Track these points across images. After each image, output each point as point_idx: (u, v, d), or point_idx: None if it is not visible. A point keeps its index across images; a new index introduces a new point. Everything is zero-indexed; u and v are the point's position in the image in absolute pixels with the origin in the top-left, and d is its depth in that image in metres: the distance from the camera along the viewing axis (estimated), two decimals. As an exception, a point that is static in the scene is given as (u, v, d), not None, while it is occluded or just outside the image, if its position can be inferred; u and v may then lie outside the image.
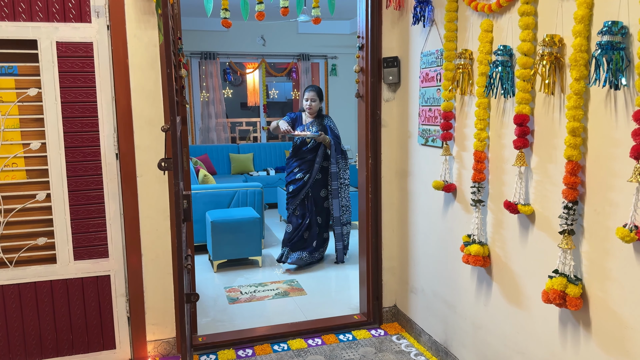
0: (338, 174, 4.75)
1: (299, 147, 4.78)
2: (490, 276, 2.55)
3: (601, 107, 1.83)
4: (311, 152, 4.74)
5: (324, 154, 4.75)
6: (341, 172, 4.78)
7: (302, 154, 4.76)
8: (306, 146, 4.76)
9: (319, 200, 4.80)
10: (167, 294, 3.08)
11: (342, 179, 4.79)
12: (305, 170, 4.73)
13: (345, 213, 4.86)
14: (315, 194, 4.78)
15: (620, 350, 1.82)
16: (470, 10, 2.57)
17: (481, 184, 2.53)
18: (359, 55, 3.42)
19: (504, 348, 2.47)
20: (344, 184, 4.82)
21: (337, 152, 4.74)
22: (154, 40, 2.86)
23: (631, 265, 1.75)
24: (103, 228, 2.91)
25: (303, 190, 4.73)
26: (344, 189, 4.82)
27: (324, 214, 4.85)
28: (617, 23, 1.68)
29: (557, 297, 1.95)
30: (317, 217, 4.80)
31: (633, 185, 1.68)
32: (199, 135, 8.52)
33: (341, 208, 4.82)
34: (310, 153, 4.74)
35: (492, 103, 2.45)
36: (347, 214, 4.89)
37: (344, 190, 4.82)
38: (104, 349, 3.00)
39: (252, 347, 3.26)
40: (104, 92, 2.82)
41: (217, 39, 8.26)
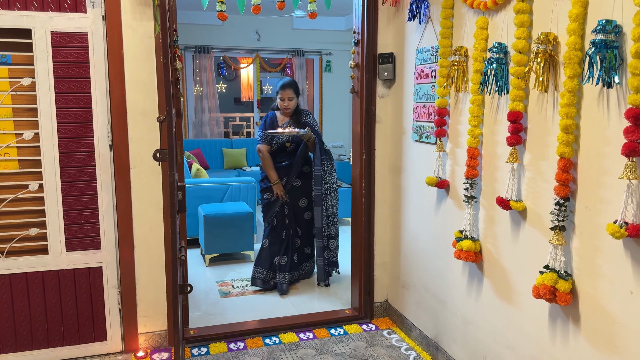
0: (322, 177, 4.00)
1: (276, 153, 4.05)
2: (481, 272, 2.58)
3: (594, 105, 1.85)
4: (289, 156, 4.06)
5: (305, 156, 4.07)
6: (326, 175, 4.03)
7: (279, 158, 4.07)
8: (286, 149, 4.06)
9: (298, 211, 4.14)
10: (159, 286, 3.08)
11: (328, 183, 4.04)
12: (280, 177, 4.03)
13: (331, 225, 4.12)
14: (294, 204, 4.11)
15: (608, 345, 1.84)
16: (465, 8, 2.58)
17: (474, 180, 2.54)
18: (355, 51, 3.43)
19: (494, 343, 2.49)
20: (331, 189, 4.07)
21: (322, 152, 4.01)
22: (149, 31, 2.85)
23: (620, 261, 1.77)
24: (96, 219, 2.90)
25: (279, 200, 4.06)
26: (331, 195, 4.07)
27: (305, 226, 4.19)
28: (611, 22, 1.70)
29: (548, 292, 1.97)
30: (297, 229, 4.17)
31: (624, 183, 1.71)
32: (192, 129, 8.50)
33: (326, 218, 4.07)
34: (288, 157, 4.06)
35: (486, 100, 2.47)
36: (334, 226, 4.15)
37: (331, 198, 4.07)
38: (95, 340, 3.00)
39: (244, 340, 3.27)
40: (98, 83, 2.81)
41: (212, 33, 8.23)
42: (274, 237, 4.10)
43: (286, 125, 4.04)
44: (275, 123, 4.07)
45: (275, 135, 3.98)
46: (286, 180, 4.04)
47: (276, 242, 4.10)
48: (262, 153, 4.01)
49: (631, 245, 1.73)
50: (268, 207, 4.11)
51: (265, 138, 4.01)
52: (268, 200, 4.08)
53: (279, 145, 4.03)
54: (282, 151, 4.06)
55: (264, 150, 4.01)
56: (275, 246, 4.09)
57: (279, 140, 4.02)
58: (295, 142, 4.04)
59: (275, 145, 4.02)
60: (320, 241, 4.08)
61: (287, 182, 4.04)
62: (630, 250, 1.73)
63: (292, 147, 4.05)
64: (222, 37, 8.30)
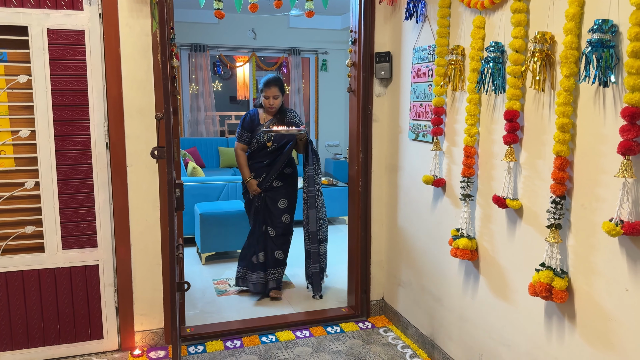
0: (315, 177, 3.82)
1: (257, 151, 3.81)
2: (477, 270, 2.59)
3: (590, 104, 1.86)
4: (270, 155, 3.79)
5: (289, 157, 3.82)
6: (317, 176, 3.85)
7: (259, 157, 3.81)
8: (267, 149, 3.79)
9: (276, 212, 3.85)
10: (156, 284, 3.08)
11: (318, 184, 3.86)
12: (257, 176, 3.80)
13: (322, 227, 3.90)
14: (273, 205, 3.84)
15: (604, 342, 1.86)
16: (462, 7, 2.59)
17: (470, 178, 2.56)
18: (352, 49, 3.43)
19: (490, 340, 2.51)
20: (320, 191, 3.89)
21: (312, 152, 3.83)
22: (146, 29, 2.85)
23: (616, 259, 1.79)
24: (92, 217, 2.90)
25: (258, 198, 3.85)
26: (321, 197, 3.88)
27: (281, 229, 3.87)
28: (607, 21, 1.71)
29: (544, 290, 1.99)
30: (269, 230, 3.87)
31: (620, 181, 1.72)
32: (187, 128, 8.48)
33: (317, 221, 3.85)
34: (269, 157, 3.79)
35: (482, 99, 2.48)
36: (324, 228, 3.93)
37: (321, 200, 3.88)
38: (92, 338, 2.99)
39: (240, 338, 3.27)
40: (95, 81, 2.80)
41: (208, 32, 8.22)
42: (252, 235, 3.94)
43: (269, 124, 3.78)
44: (257, 121, 3.80)
45: (258, 133, 3.76)
46: (265, 177, 3.78)
47: (254, 240, 3.93)
48: (236, 151, 3.85)
49: (626, 243, 1.74)
50: (249, 207, 3.94)
51: (244, 137, 3.81)
52: (248, 199, 3.92)
53: (260, 145, 3.79)
54: (261, 150, 3.80)
55: (238, 149, 3.84)
56: (253, 244, 3.92)
57: (260, 140, 3.77)
58: (277, 141, 3.78)
59: (255, 144, 3.79)
60: (316, 246, 3.86)
61: (266, 179, 3.78)
62: (626, 248, 1.74)
63: (273, 147, 3.78)
64: (218, 35, 8.29)
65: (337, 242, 5.31)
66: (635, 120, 1.63)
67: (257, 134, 3.77)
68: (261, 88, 3.77)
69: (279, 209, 3.86)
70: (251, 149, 3.82)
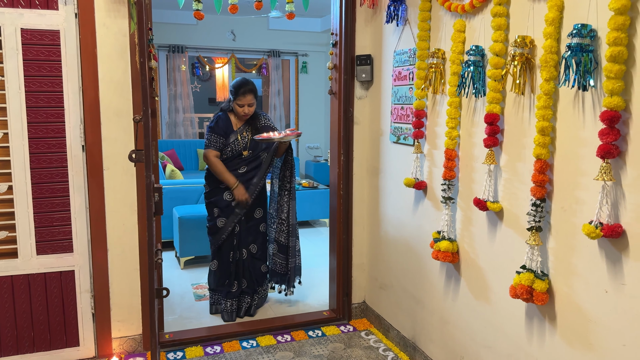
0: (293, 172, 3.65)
1: (229, 160, 3.48)
2: (458, 272, 2.60)
3: (569, 108, 1.88)
4: (246, 163, 3.50)
5: (270, 166, 3.60)
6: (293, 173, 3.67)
7: (232, 166, 3.48)
8: (241, 157, 3.49)
9: (252, 224, 3.59)
10: (134, 290, 3.01)
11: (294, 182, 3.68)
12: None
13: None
14: (249, 217, 3.58)
15: (583, 344, 1.88)
16: (443, 10, 2.60)
17: (451, 181, 2.57)
18: (333, 52, 3.42)
19: (471, 342, 2.52)
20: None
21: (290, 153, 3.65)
22: (123, 29, 2.79)
23: (596, 261, 1.81)
24: (68, 222, 2.83)
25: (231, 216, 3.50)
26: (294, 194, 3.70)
27: (260, 240, 3.67)
28: (586, 26, 1.73)
29: (525, 292, 2.00)
30: (251, 246, 3.63)
31: (599, 184, 1.74)
32: (165, 129, 8.38)
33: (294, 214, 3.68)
34: (245, 165, 3.50)
35: (463, 102, 2.49)
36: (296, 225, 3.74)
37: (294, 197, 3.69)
38: (67, 346, 2.92)
39: (221, 344, 3.23)
40: (71, 82, 2.73)
41: (186, 33, 8.13)
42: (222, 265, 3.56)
43: (243, 130, 3.49)
44: (230, 128, 3.47)
45: (233, 141, 3.45)
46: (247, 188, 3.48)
47: (225, 265, 3.56)
48: (211, 159, 3.42)
49: (606, 245, 1.76)
50: (215, 228, 3.51)
51: (218, 143, 3.43)
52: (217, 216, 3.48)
53: (234, 153, 3.47)
54: (235, 158, 3.49)
55: (212, 156, 3.43)
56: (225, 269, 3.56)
57: (235, 147, 3.46)
58: (253, 148, 3.51)
59: (229, 152, 3.46)
60: (295, 240, 3.69)
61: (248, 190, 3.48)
62: (605, 250, 1.76)
63: (249, 155, 3.50)
64: (197, 36, 8.21)
65: (318, 245, 5.29)
66: (614, 123, 1.65)
67: (232, 141, 3.46)
68: (233, 95, 3.43)
69: (255, 220, 3.62)
70: (222, 157, 3.48)
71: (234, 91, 3.42)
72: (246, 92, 3.41)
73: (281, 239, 3.68)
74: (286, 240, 3.68)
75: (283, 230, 3.67)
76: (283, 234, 3.68)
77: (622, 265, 1.71)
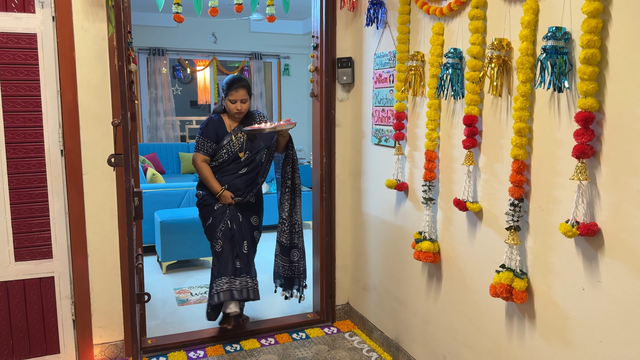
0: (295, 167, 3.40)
1: (226, 164, 3.22)
2: (440, 272, 2.62)
3: (545, 109, 1.92)
4: (244, 167, 3.23)
5: (268, 168, 3.34)
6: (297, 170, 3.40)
7: (230, 171, 3.23)
8: (239, 160, 3.22)
9: (247, 230, 3.29)
10: (115, 295, 2.98)
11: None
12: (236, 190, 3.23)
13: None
14: (245, 222, 3.29)
15: (561, 340, 1.91)
16: (422, 13, 2.63)
17: (432, 182, 2.59)
18: (314, 54, 3.44)
19: (453, 342, 2.54)
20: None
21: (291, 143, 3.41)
22: (102, 33, 2.77)
23: (572, 259, 1.84)
24: (47, 227, 2.79)
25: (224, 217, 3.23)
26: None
27: (251, 244, 3.32)
28: (560, 29, 1.77)
29: (504, 291, 2.03)
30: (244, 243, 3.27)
31: (575, 183, 1.77)
32: (146, 133, 8.31)
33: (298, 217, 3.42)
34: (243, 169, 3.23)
35: (442, 104, 2.52)
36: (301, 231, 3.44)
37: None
38: (47, 353, 2.87)
39: (204, 348, 3.21)
40: (49, 86, 2.70)
41: (166, 35, 8.09)
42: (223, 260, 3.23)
43: (237, 130, 3.24)
44: (223, 129, 3.21)
45: (229, 142, 3.19)
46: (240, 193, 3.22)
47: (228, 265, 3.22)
48: (199, 164, 3.20)
49: (582, 243, 1.80)
50: (212, 228, 3.25)
51: (207, 147, 3.19)
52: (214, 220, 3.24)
53: (231, 156, 3.20)
54: (232, 162, 3.23)
55: (200, 161, 3.20)
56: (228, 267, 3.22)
57: (230, 150, 3.20)
58: (251, 150, 3.23)
59: (225, 155, 3.20)
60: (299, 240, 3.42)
61: (242, 195, 3.23)
62: (582, 249, 1.80)
63: (247, 157, 3.23)
64: (178, 39, 8.17)
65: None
66: (589, 124, 1.69)
67: (226, 143, 3.20)
68: (225, 91, 3.20)
69: (252, 227, 3.34)
70: (218, 161, 3.21)
71: (225, 87, 3.20)
72: (239, 87, 3.16)
73: (282, 239, 3.42)
74: (288, 242, 3.41)
75: (284, 230, 3.40)
76: (284, 234, 3.41)
77: (598, 263, 1.74)
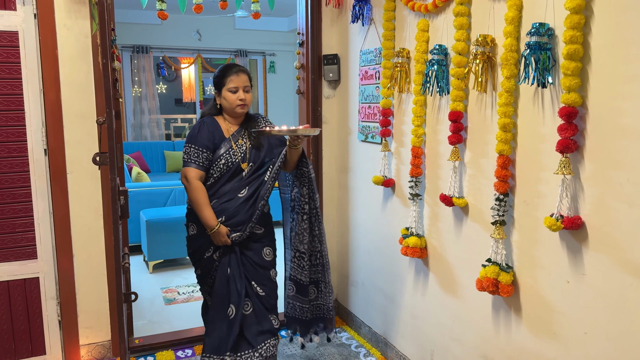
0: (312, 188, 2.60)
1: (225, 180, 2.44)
2: (427, 267, 2.64)
3: (530, 104, 1.94)
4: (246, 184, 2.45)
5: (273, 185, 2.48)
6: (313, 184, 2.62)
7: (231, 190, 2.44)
8: (241, 174, 2.45)
9: (261, 266, 2.52)
10: (101, 295, 2.96)
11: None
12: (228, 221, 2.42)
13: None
14: (253, 261, 2.50)
15: (547, 333, 1.94)
16: (407, 10, 2.64)
17: (418, 178, 2.61)
18: (300, 51, 3.43)
19: (441, 336, 2.57)
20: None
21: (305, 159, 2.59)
22: (85, 30, 2.74)
23: (557, 252, 1.87)
24: (31, 228, 2.75)
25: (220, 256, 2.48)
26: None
27: (270, 289, 2.55)
28: (544, 25, 1.79)
29: (491, 284, 2.05)
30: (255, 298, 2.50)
31: (559, 177, 1.80)
32: (130, 131, 8.24)
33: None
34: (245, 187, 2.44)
35: (428, 100, 2.53)
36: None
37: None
38: (33, 355, 2.84)
39: (192, 347, 3.20)
40: (31, 85, 2.66)
41: (150, 32, 8.01)
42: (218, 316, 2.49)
43: (238, 136, 2.48)
44: (219, 134, 2.45)
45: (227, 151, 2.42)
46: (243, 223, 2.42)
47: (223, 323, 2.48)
48: (190, 182, 2.37)
49: (567, 237, 1.82)
50: (205, 274, 2.52)
51: (202, 159, 2.39)
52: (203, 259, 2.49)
53: (231, 168, 2.43)
54: (233, 178, 2.45)
55: (193, 178, 2.37)
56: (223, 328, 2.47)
57: (231, 160, 2.42)
58: (255, 160, 2.48)
59: (224, 167, 2.42)
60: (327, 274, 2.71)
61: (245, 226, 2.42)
62: (566, 242, 1.83)
63: (250, 169, 2.46)
64: (162, 36, 8.10)
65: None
66: (572, 119, 1.71)
67: (224, 152, 2.42)
68: (222, 78, 2.44)
69: (266, 262, 2.54)
70: (213, 176, 2.43)
71: (220, 75, 2.46)
72: (239, 71, 2.45)
73: (301, 277, 2.67)
74: (307, 279, 2.68)
75: (303, 266, 2.66)
76: (304, 270, 2.66)
77: (582, 256, 1.77)
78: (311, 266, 2.70)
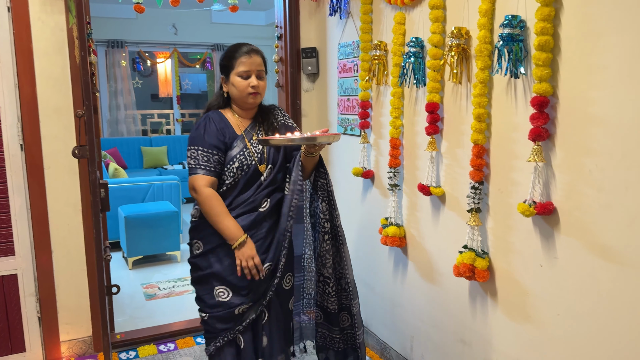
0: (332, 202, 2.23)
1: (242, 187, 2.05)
2: (406, 256, 2.70)
3: (503, 95, 1.99)
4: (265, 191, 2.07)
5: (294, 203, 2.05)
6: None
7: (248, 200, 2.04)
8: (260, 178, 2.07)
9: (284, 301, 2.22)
10: (81, 291, 2.94)
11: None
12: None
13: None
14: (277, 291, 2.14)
15: (522, 315, 2.01)
16: (384, 3, 2.68)
17: (397, 169, 2.66)
18: (278, 45, 3.44)
19: (421, 323, 2.62)
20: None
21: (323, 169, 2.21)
22: (60, 24, 2.71)
23: (530, 238, 1.93)
24: (8, 224, 2.72)
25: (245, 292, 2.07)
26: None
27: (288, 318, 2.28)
28: (516, 17, 1.84)
29: (467, 270, 2.11)
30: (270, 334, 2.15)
31: (531, 165, 1.86)
32: (106, 127, 8.13)
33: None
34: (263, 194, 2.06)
35: (405, 92, 2.58)
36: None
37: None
38: (13, 352, 2.81)
39: (174, 341, 3.20)
40: (6, 79, 2.63)
41: (125, 27, 7.90)
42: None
43: (251, 132, 2.12)
44: (230, 131, 2.07)
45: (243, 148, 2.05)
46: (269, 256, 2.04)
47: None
48: (200, 192, 1.98)
49: (539, 222, 1.89)
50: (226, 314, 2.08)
51: (212, 162, 2.01)
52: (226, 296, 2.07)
53: (247, 172, 2.05)
54: (251, 184, 2.06)
55: (202, 186, 1.98)
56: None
57: (246, 162, 2.05)
58: (274, 162, 2.11)
59: (239, 172, 2.03)
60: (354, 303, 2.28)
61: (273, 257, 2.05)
62: (539, 227, 1.89)
63: (270, 172, 2.09)
64: (137, 30, 7.99)
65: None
66: (544, 108, 1.77)
67: (238, 153, 2.05)
68: (230, 61, 2.08)
69: (286, 292, 2.21)
70: (227, 184, 2.04)
71: (228, 55, 2.09)
72: (252, 51, 2.09)
73: (328, 304, 2.31)
74: (335, 307, 2.31)
75: (329, 292, 2.28)
76: (330, 298, 2.29)
77: (554, 240, 1.84)
78: (339, 292, 2.29)
